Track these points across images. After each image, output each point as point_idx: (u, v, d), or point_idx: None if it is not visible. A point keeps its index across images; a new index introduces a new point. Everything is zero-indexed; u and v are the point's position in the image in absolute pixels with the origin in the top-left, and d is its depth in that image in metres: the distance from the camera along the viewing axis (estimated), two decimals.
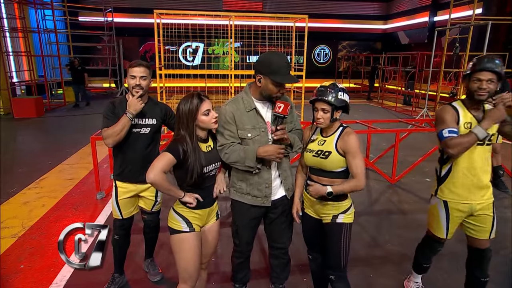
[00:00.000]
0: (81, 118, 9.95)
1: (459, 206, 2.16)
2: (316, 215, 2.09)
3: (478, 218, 2.15)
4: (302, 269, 2.80)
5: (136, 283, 2.68)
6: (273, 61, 1.93)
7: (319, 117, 1.93)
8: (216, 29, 7.24)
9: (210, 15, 6.66)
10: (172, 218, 1.94)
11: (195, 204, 1.89)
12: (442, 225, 2.23)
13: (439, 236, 2.28)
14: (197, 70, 7.50)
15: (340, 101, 1.90)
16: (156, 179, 1.74)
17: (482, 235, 2.16)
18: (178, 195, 1.87)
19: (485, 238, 2.16)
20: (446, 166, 2.19)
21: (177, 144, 1.81)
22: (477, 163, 2.09)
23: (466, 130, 2.07)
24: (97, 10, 13.81)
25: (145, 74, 2.27)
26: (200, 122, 1.87)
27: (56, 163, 5.63)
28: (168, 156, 1.77)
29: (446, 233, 2.23)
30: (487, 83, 2.01)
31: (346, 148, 1.92)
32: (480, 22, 8.85)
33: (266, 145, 2.01)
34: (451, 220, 2.19)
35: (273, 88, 1.97)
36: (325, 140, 1.99)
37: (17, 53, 11.77)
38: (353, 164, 1.91)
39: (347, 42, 19.20)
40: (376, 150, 6.07)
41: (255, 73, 1.99)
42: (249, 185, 2.11)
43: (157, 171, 1.74)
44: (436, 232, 2.28)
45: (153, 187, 1.84)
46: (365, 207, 4.18)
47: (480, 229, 2.16)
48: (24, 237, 3.33)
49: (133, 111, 2.23)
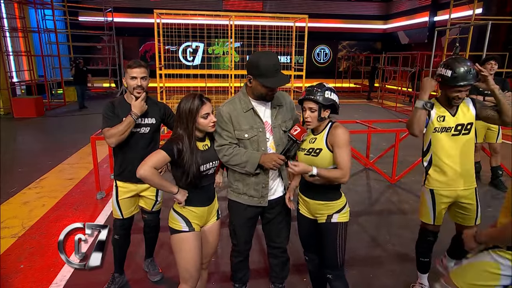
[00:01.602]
0: (81, 118, 9.96)
1: (444, 192, 2.32)
2: (311, 215, 2.09)
3: (463, 208, 2.35)
4: (301, 269, 2.79)
5: (136, 283, 2.68)
6: (260, 63, 1.92)
7: (307, 116, 1.94)
8: (216, 29, 7.23)
9: (210, 15, 6.65)
10: (172, 218, 1.94)
11: (183, 204, 1.89)
12: (429, 212, 2.40)
13: (427, 222, 2.44)
14: (197, 70, 7.49)
15: (327, 100, 1.90)
16: (146, 173, 1.75)
17: (468, 222, 2.36)
18: (171, 190, 1.86)
19: (471, 224, 2.35)
20: (427, 157, 2.38)
21: (172, 143, 1.81)
22: (454, 151, 2.26)
23: (439, 122, 2.28)
24: (97, 10, 13.81)
25: (145, 74, 2.28)
26: (198, 124, 1.87)
27: (56, 163, 5.63)
28: (161, 153, 1.79)
29: (434, 219, 2.40)
30: (465, 92, 2.19)
31: (333, 141, 1.92)
32: (480, 22, 8.85)
33: (270, 153, 2.02)
34: (437, 206, 2.37)
35: (262, 90, 1.98)
36: (316, 138, 1.99)
37: (17, 53, 11.77)
38: (339, 156, 1.90)
39: (347, 42, 19.19)
40: (376, 150, 6.07)
41: (247, 73, 2.01)
42: (246, 185, 2.11)
43: (147, 166, 1.75)
44: (424, 218, 2.45)
45: (144, 182, 1.85)
46: (365, 207, 4.18)
47: (466, 217, 2.37)
48: (24, 237, 3.33)
49: (138, 112, 2.24)
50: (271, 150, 2.09)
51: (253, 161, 1.99)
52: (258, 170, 2.03)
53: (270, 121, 2.10)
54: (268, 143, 2.09)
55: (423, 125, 2.28)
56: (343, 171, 1.88)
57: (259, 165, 2.01)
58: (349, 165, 1.89)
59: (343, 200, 2.03)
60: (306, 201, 2.07)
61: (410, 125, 2.30)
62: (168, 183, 1.86)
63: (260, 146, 2.06)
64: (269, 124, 2.10)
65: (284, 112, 2.14)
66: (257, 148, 2.06)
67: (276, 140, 2.10)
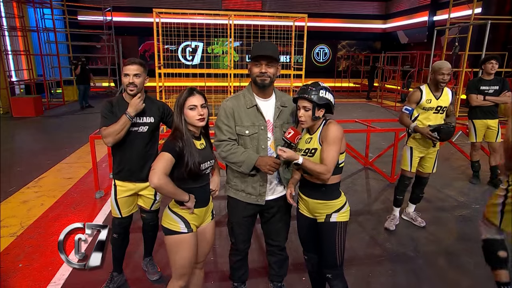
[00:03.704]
0: (80, 117, 9.95)
1: (419, 149, 3.43)
2: (310, 214, 2.08)
3: (427, 160, 3.46)
4: (300, 268, 2.79)
5: (135, 282, 2.68)
6: (255, 44, 2.03)
7: (301, 115, 1.92)
8: (216, 28, 7.23)
9: (209, 14, 6.65)
10: (168, 218, 1.88)
11: (192, 210, 1.86)
12: (408, 162, 3.48)
13: (406, 169, 3.50)
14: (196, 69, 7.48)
15: (321, 99, 1.88)
16: (161, 183, 1.69)
17: (427, 170, 3.51)
18: (184, 198, 1.81)
19: (429, 171, 3.50)
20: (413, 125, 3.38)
21: (173, 142, 1.77)
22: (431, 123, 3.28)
23: (428, 103, 3.29)
24: (96, 9, 13.77)
25: (138, 71, 2.25)
26: (185, 116, 1.83)
27: (55, 162, 5.62)
28: (167, 156, 1.73)
29: (410, 167, 3.47)
30: (447, 75, 3.20)
31: (323, 136, 1.91)
32: (479, 22, 8.85)
33: (266, 157, 2.01)
34: (413, 158, 3.45)
35: (254, 69, 2.01)
36: (312, 138, 1.98)
37: (16, 52, 11.73)
38: (324, 151, 1.88)
39: (347, 42, 19.19)
40: (375, 149, 6.08)
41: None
42: (244, 182, 2.11)
43: (160, 175, 1.69)
44: (404, 166, 3.51)
45: (158, 192, 1.78)
46: (364, 206, 4.19)
47: (426, 167, 3.50)
48: (22, 236, 3.33)
49: (133, 111, 2.23)
50: (270, 150, 2.09)
51: (249, 162, 1.99)
52: (254, 172, 2.03)
53: (272, 120, 2.10)
54: (268, 142, 2.08)
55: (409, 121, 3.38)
56: (327, 167, 1.86)
57: (256, 169, 2.01)
58: (333, 162, 1.87)
59: (343, 199, 2.02)
60: (305, 200, 2.06)
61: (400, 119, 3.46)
62: (181, 191, 1.80)
63: (260, 144, 2.06)
64: (271, 123, 2.09)
65: (288, 114, 2.14)
66: (256, 146, 2.06)
67: (276, 140, 2.10)
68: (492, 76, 4.49)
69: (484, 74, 4.54)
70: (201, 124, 1.86)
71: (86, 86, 11.31)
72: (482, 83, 4.52)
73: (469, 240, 3.33)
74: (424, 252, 3.15)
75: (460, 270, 2.89)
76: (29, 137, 7.78)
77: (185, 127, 1.82)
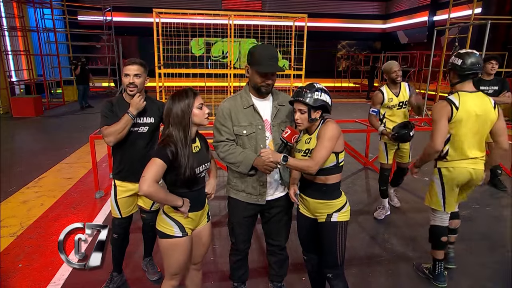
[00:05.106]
0: (80, 117, 9.94)
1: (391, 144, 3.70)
2: (311, 214, 2.08)
3: (402, 151, 3.76)
4: (300, 268, 2.79)
5: (135, 282, 2.68)
6: (257, 51, 1.97)
7: (297, 118, 1.92)
8: (216, 28, 7.23)
9: (209, 14, 6.66)
10: (163, 221, 1.85)
11: (187, 215, 1.84)
12: (384, 155, 3.79)
13: (383, 162, 3.82)
14: (196, 69, 7.48)
15: (317, 101, 1.87)
16: (151, 190, 1.65)
17: (404, 160, 3.80)
18: (177, 204, 1.78)
19: (406, 162, 3.80)
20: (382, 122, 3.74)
21: (165, 148, 1.72)
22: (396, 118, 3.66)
23: (389, 102, 3.63)
24: (96, 9, 13.79)
25: (139, 72, 2.24)
26: (194, 116, 1.80)
27: (55, 162, 5.62)
28: (158, 162, 1.68)
29: (387, 160, 3.79)
30: (399, 71, 3.56)
31: (319, 135, 1.91)
32: (479, 22, 8.85)
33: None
34: (388, 152, 3.76)
35: (257, 79, 1.99)
36: (311, 138, 1.98)
37: (16, 52, 11.73)
38: (316, 147, 1.88)
39: (347, 42, 19.19)
40: (375, 149, 6.05)
41: (246, 63, 2.03)
42: (244, 182, 2.11)
43: (150, 182, 1.65)
44: (382, 159, 3.83)
45: (149, 199, 1.75)
46: (364, 206, 4.19)
47: (403, 157, 3.79)
48: (22, 236, 3.33)
49: (135, 110, 2.23)
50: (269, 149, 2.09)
51: (247, 162, 1.99)
52: (253, 171, 2.03)
53: (270, 119, 2.09)
54: (267, 142, 2.08)
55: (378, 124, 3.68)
56: (314, 161, 1.85)
57: (255, 168, 2.01)
58: (321, 157, 1.85)
59: (343, 199, 2.02)
60: (305, 199, 2.06)
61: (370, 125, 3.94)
62: (173, 197, 1.78)
63: (258, 143, 2.06)
64: (269, 122, 2.09)
65: (286, 112, 2.13)
66: (255, 145, 2.06)
67: (275, 139, 2.10)
68: (492, 77, 4.48)
69: (484, 74, 4.53)
70: (208, 122, 1.87)
71: (86, 86, 11.30)
72: (481, 83, 4.52)
73: (469, 240, 3.33)
74: (424, 252, 3.15)
75: (460, 270, 2.89)
76: (29, 137, 7.78)
77: (189, 131, 1.79)
